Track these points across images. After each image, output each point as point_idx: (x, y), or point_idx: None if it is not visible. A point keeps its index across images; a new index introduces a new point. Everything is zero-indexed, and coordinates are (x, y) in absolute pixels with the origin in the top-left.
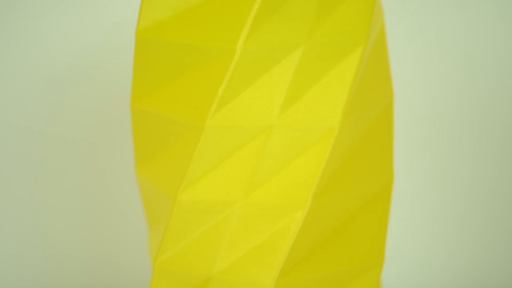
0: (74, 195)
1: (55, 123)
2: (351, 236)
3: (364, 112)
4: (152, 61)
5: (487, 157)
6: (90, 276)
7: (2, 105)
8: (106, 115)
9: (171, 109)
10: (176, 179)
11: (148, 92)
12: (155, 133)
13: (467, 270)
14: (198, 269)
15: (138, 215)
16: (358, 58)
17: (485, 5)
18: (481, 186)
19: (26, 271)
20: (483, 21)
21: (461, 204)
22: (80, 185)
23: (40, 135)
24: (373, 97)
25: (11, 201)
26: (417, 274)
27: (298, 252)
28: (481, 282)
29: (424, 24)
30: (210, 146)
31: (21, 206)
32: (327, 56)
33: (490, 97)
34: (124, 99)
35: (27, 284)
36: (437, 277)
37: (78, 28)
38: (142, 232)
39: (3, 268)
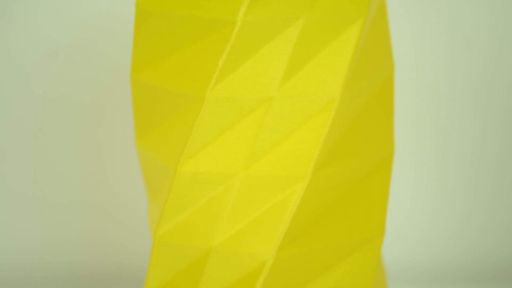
0: (73, 168)
1: (55, 94)
2: (351, 208)
3: (365, 84)
4: (153, 33)
5: (490, 127)
6: (89, 249)
7: (3, 76)
8: (106, 87)
9: (171, 80)
10: (177, 151)
11: (148, 64)
12: (155, 105)
13: (471, 242)
14: (198, 241)
15: (138, 187)
16: (359, 29)
17: None
18: (484, 158)
19: (24, 246)
20: None
21: (464, 177)
22: (80, 157)
23: (40, 107)
24: (373, 68)
25: (9, 175)
26: (417, 247)
27: (298, 224)
28: (485, 256)
29: None
30: (210, 118)
31: (19, 180)
32: (328, 28)
33: (489, 66)
34: (124, 71)
35: (25, 259)
36: (440, 250)
37: None
38: (142, 204)
39: (1, 242)
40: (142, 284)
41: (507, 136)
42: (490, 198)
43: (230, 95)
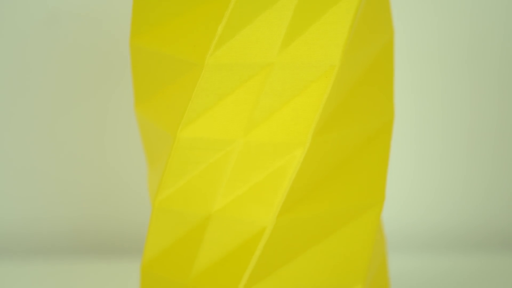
0: (73, 133)
1: (55, 59)
2: (351, 174)
3: (365, 50)
4: None
5: (492, 89)
6: (88, 214)
7: (3, 40)
8: (105, 52)
9: (171, 46)
10: (176, 117)
11: (147, 30)
12: (154, 71)
13: (473, 209)
14: (198, 207)
15: (137, 153)
16: None
17: None
18: (485, 123)
19: (23, 210)
20: None
21: (466, 142)
22: (80, 122)
23: (39, 72)
24: (373, 34)
25: (8, 138)
26: (418, 213)
27: (298, 190)
28: (487, 223)
29: None
30: (209, 83)
31: (18, 144)
32: None
33: (487, 29)
34: (123, 36)
35: (24, 223)
36: (441, 216)
37: None
38: (141, 170)
39: (1, 203)
40: (142, 250)
41: (510, 99)
42: (493, 164)
43: (229, 61)
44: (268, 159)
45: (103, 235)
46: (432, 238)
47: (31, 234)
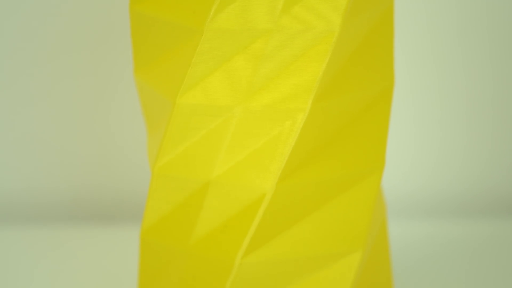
0: (72, 98)
1: (54, 23)
2: (351, 140)
3: (365, 15)
4: None
5: (494, 52)
6: (88, 181)
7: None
8: (104, 18)
9: (170, 12)
10: (176, 83)
11: None
12: (154, 37)
13: (474, 175)
14: (197, 173)
15: (137, 119)
16: None
17: None
18: (487, 86)
19: (22, 172)
20: None
21: (467, 107)
22: (79, 88)
23: (38, 37)
24: (373, 0)
25: (8, 100)
26: (418, 180)
27: (297, 156)
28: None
29: None
30: (209, 49)
31: (18, 105)
32: None
33: None
34: (123, 2)
35: (23, 185)
36: (441, 182)
37: None
38: (141, 136)
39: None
40: (141, 216)
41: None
42: (495, 128)
43: (229, 27)
44: (267, 125)
45: (102, 203)
46: (433, 204)
47: (31, 203)
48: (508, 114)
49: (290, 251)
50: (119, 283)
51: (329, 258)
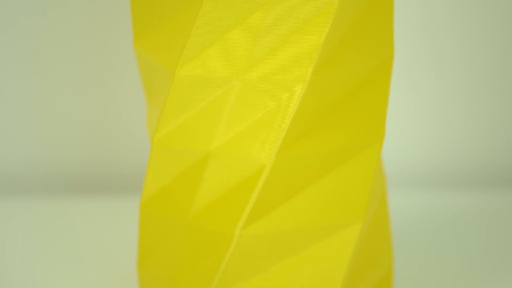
0: (71, 71)
1: None
2: (351, 111)
3: None
4: None
5: (495, 25)
6: (87, 152)
7: None
8: None
9: None
10: (175, 54)
11: None
12: (153, 8)
13: (474, 147)
14: (197, 144)
15: (136, 90)
16: None
17: None
18: (486, 57)
19: (21, 144)
20: None
21: (467, 79)
22: (79, 58)
23: (38, 10)
24: None
25: (6, 78)
26: (416, 152)
27: (297, 128)
28: (484, 160)
29: None
30: (209, 20)
31: (17, 78)
32: None
33: None
34: None
35: (22, 156)
36: (441, 154)
37: None
38: (141, 108)
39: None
40: (141, 188)
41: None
42: (495, 100)
43: None
44: (267, 96)
45: (102, 175)
46: (433, 176)
47: (31, 175)
48: (509, 84)
49: (290, 223)
50: (119, 255)
51: (329, 229)
